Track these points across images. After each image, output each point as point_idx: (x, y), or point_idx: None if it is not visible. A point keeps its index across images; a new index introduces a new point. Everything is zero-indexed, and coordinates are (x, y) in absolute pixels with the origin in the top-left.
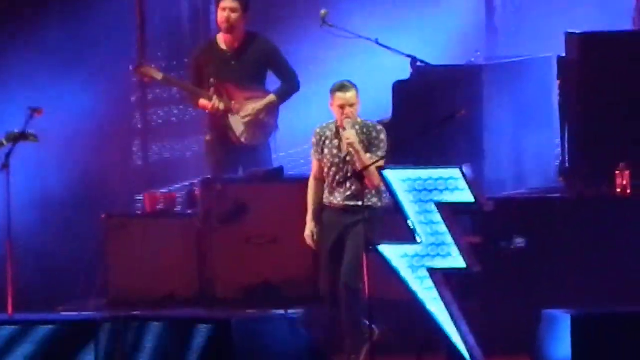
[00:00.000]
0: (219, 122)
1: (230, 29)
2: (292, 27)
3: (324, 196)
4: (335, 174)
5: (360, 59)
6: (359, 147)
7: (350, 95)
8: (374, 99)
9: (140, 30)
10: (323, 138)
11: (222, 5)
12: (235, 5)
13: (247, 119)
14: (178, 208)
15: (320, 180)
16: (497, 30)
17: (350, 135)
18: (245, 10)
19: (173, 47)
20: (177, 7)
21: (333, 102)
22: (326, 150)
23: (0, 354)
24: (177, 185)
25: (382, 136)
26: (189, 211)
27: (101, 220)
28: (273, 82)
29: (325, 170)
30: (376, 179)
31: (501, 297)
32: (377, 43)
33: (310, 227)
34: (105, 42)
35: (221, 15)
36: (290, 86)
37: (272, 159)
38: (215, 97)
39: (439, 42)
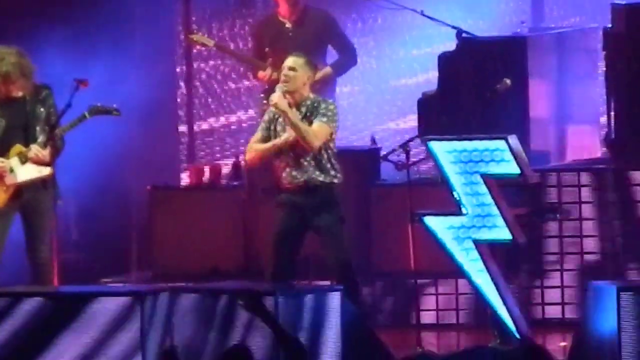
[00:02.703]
0: (270, 93)
1: (294, 2)
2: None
3: (283, 177)
4: (288, 152)
5: (406, 30)
6: (285, 105)
7: (292, 59)
8: (421, 71)
9: (185, 4)
10: (276, 116)
11: None
12: None
13: None
14: (223, 180)
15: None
16: (543, 1)
17: (274, 96)
18: None
19: (219, 24)
20: None
21: None
22: (279, 128)
23: (46, 326)
24: (223, 159)
25: (331, 107)
26: (235, 183)
27: (147, 192)
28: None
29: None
30: (312, 139)
31: (546, 269)
32: (422, 14)
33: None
34: (150, 17)
35: None
36: (347, 59)
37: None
38: (269, 68)
39: (484, 13)
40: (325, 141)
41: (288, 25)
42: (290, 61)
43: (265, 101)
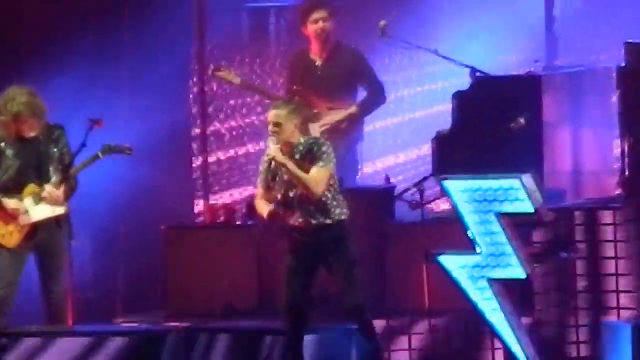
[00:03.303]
0: None
1: (327, 38)
2: (352, 37)
3: (291, 220)
4: (290, 191)
5: (418, 69)
6: (282, 158)
7: (273, 113)
8: (433, 109)
9: (199, 40)
10: (271, 165)
11: (314, 16)
12: (325, 14)
13: (324, 128)
14: (238, 219)
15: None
16: (557, 39)
17: (271, 150)
18: (335, 18)
19: (232, 60)
20: (237, 20)
21: None
22: (278, 172)
23: None
24: (237, 194)
25: (324, 148)
26: (249, 222)
27: (161, 231)
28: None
29: (282, 192)
30: (314, 187)
31: (561, 307)
32: (436, 54)
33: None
34: (164, 54)
35: (316, 27)
36: (375, 98)
37: (357, 169)
38: None
39: (498, 52)
40: (328, 183)
41: (318, 62)
42: (272, 115)
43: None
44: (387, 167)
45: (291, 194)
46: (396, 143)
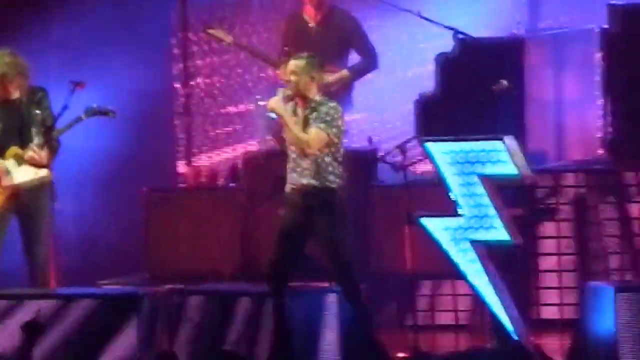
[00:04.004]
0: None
1: (319, 3)
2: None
3: (287, 178)
4: (290, 154)
5: (401, 30)
6: (282, 110)
7: (292, 62)
8: (417, 73)
9: (182, 4)
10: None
11: None
12: None
13: None
14: (221, 182)
15: None
16: (539, 2)
17: (271, 100)
18: None
19: (214, 19)
20: None
21: None
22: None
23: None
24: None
25: (331, 111)
26: (232, 185)
27: (143, 194)
28: None
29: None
30: (305, 146)
31: (543, 269)
32: (419, 15)
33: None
34: (145, 14)
35: None
36: (367, 63)
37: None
38: (284, 66)
39: (480, 13)
40: (325, 146)
41: (312, 24)
42: (291, 65)
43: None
44: (370, 124)
45: (304, 163)
46: (380, 101)
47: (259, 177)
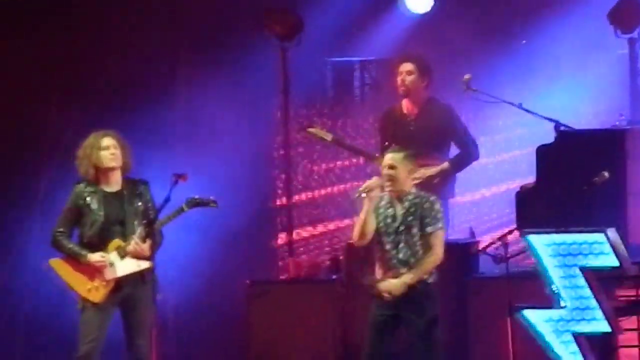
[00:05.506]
0: None
1: (407, 92)
2: (436, 91)
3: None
4: (399, 253)
5: (503, 121)
6: (403, 282)
7: (390, 156)
8: (518, 163)
9: (284, 94)
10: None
11: (399, 69)
12: (410, 67)
13: (416, 182)
14: (322, 274)
15: None
16: None
17: (372, 182)
18: (424, 73)
19: (314, 112)
20: (321, 74)
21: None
22: (380, 216)
23: None
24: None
25: (436, 206)
26: (333, 277)
27: (246, 286)
28: None
29: (388, 251)
30: (440, 257)
31: None
32: (521, 108)
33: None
34: (247, 107)
35: (398, 79)
36: (467, 154)
37: (448, 226)
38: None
39: (582, 106)
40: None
41: (410, 118)
42: (388, 158)
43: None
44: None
45: (400, 255)
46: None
47: (359, 269)
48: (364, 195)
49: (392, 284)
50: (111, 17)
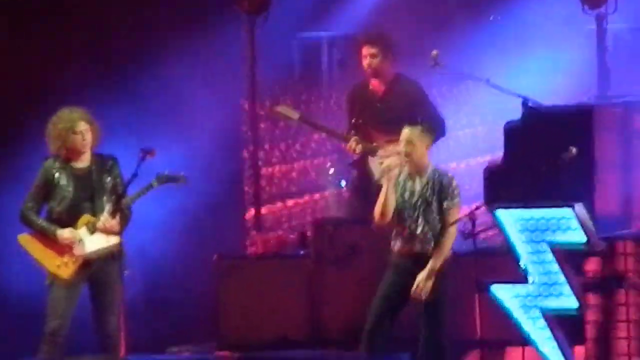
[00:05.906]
0: (359, 163)
1: (374, 73)
2: (404, 66)
3: (398, 243)
4: (418, 228)
5: (480, 96)
6: (429, 272)
7: (407, 131)
8: (485, 139)
9: (251, 69)
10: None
11: (363, 52)
12: (374, 50)
13: (382, 160)
14: (289, 250)
15: None
16: (609, 69)
17: (390, 162)
18: (387, 53)
19: (282, 90)
20: (288, 54)
21: None
22: (399, 191)
23: None
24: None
25: (454, 184)
26: (301, 252)
27: (213, 261)
28: None
29: (408, 225)
30: (455, 233)
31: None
32: (488, 83)
33: None
34: (215, 82)
35: (364, 62)
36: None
37: None
38: (352, 139)
39: (550, 82)
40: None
41: (378, 95)
42: (405, 134)
43: (355, 171)
44: None
45: (418, 230)
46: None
47: (327, 245)
48: (343, 184)
49: (420, 279)
50: None
